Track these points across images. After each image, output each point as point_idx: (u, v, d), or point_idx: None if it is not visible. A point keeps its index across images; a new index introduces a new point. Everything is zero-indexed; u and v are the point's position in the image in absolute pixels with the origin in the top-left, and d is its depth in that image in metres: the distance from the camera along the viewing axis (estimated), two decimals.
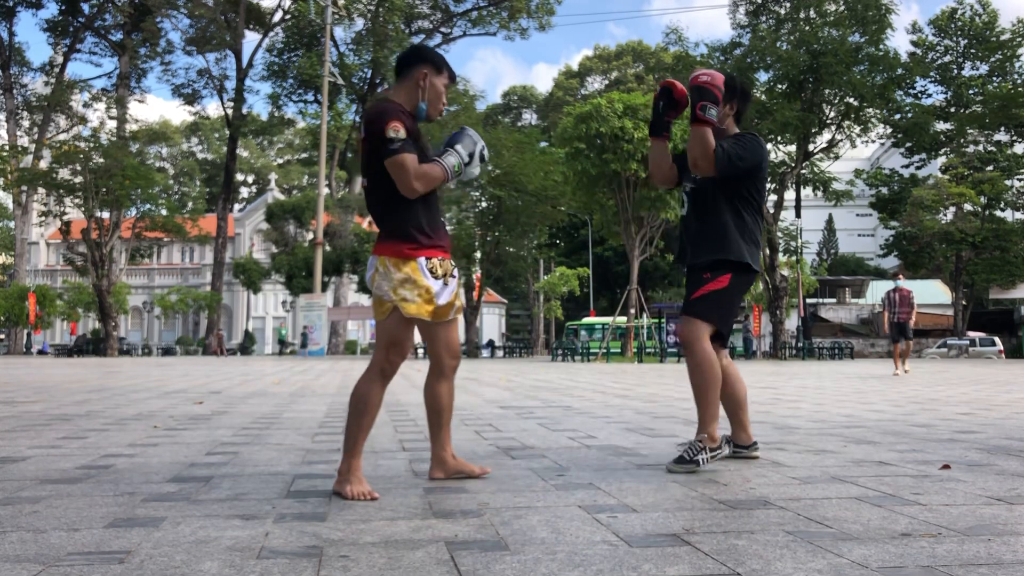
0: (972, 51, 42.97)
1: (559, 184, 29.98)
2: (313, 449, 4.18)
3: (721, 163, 3.38)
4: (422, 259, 2.92)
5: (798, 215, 40.14)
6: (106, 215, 38.13)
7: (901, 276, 15.12)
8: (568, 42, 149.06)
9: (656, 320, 27.93)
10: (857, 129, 36.45)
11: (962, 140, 42.34)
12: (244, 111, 48.91)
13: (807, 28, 34.16)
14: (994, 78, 42.60)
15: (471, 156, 3.00)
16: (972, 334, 38.65)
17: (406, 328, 2.95)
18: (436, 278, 2.95)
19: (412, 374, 14.64)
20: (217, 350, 45.15)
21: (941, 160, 44.06)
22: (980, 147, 42.28)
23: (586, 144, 25.09)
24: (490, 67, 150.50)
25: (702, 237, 3.53)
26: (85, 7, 48.66)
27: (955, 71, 43.50)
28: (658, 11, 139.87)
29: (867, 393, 8.92)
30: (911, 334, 14.37)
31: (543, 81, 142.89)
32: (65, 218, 38.84)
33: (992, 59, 42.59)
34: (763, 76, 35.37)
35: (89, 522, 2.47)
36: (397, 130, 2.84)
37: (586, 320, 47.69)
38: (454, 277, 3.04)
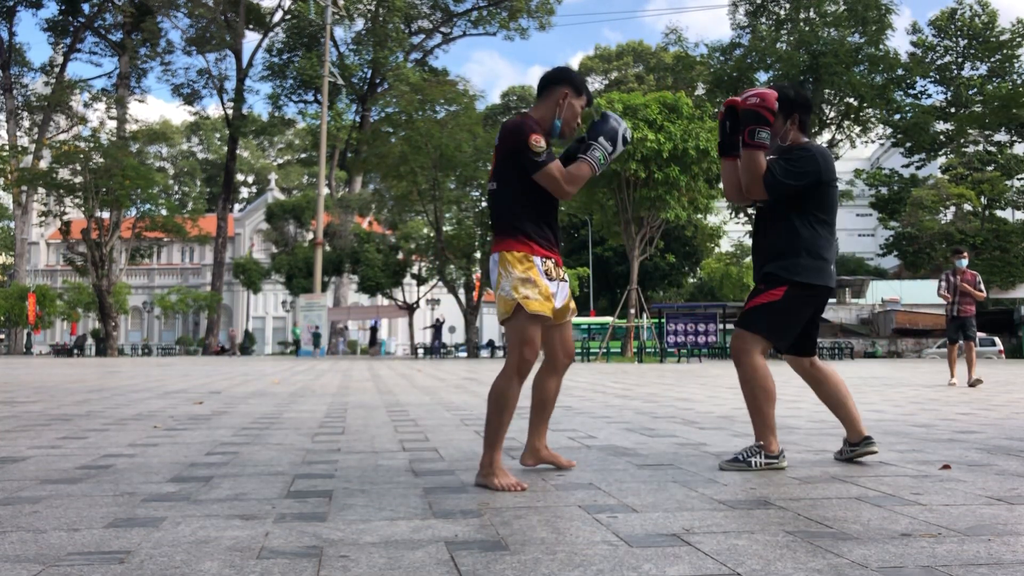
0: (972, 51, 42.97)
1: None
2: (313, 449, 4.18)
3: (771, 188, 3.39)
4: (538, 259, 3.06)
5: None
6: (106, 215, 38.13)
7: (965, 255, 11.00)
8: (564, 44, 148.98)
9: (656, 320, 27.93)
10: (857, 129, 36.49)
11: (962, 140, 42.35)
12: (244, 111, 48.90)
13: (807, 29, 34.18)
14: (994, 78, 42.60)
15: (614, 142, 3.10)
16: None
17: (534, 326, 3.05)
18: (551, 279, 3.08)
19: (413, 375, 14.64)
20: (222, 348, 45.18)
21: (941, 160, 44.08)
22: (980, 147, 42.28)
23: None
24: (487, 68, 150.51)
25: (763, 251, 3.54)
26: (85, 7, 48.68)
27: (955, 71, 43.49)
28: (655, 12, 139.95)
29: (867, 393, 8.92)
30: (974, 333, 10.77)
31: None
32: (65, 218, 38.84)
33: (992, 59, 42.60)
34: (763, 76, 35.38)
35: (89, 522, 2.46)
36: (539, 142, 3.00)
37: (574, 320, 47.48)
38: (564, 281, 3.18)
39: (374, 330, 45.63)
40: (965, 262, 10.88)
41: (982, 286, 10.80)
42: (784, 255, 3.43)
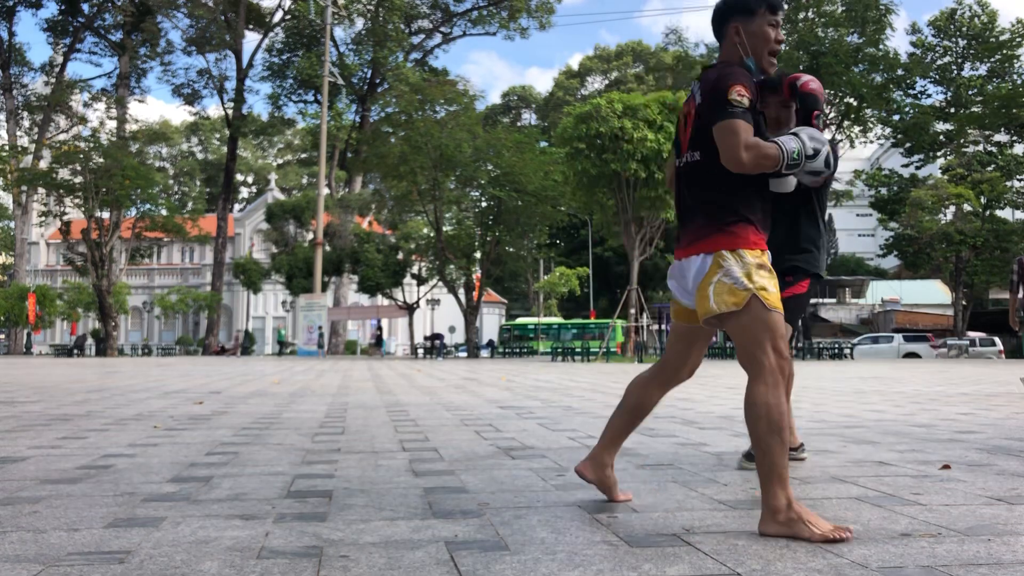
0: (972, 52, 43.00)
1: (559, 184, 30.00)
2: (313, 449, 4.18)
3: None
4: (767, 256, 2.53)
5: None
6: (106, 215, 38.12)
7: None
8: (563, 45, 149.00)
9: (655, 320, 27.95)
10: (857, 129, 36.50)
11: (962, 140, 42.37)
12: (244, 111, 48.89)
13: (806, 29, 34.19)
14: (994, 79, 42.62)
15: (816, 151, 2.53)
16: (972, 334, 38.64)
17: (778, 315, 2.45)
18: None
19: (412, 374, 14.63)
20: (220, 350, 45.18)
21: (941, 161, 44.10)
22: (980, 147, 42.29)
23: (586, 144, 25.12)
24: (487, 69, 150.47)
25: (782, 244, 3.57)
26: (85, 7, 48.63)
27: (955, 71, 43.51)
28: (654, 12, 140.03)
29: (867, 393, 8.92)
30: None
31: (537, 84, 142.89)
32: (65, 218, 38.84)
33: (992, 59, 42.62)
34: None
35: (89, 522, 2.46)
36: (741, 95, 2.43)
37: (520, 320, 47.98)
38: None
39: (379, 332, 45.68)
40: None
41: None
42: (804, 249, 3.61)
